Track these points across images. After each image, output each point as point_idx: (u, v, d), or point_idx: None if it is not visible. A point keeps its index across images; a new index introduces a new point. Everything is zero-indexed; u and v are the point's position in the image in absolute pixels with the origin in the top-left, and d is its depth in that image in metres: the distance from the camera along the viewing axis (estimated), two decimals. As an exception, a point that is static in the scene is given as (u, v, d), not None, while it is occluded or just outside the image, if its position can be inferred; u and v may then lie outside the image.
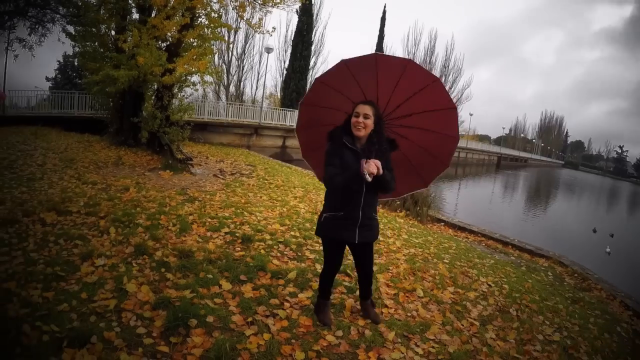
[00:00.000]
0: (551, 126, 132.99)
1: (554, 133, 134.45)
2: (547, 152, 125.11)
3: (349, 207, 3.11)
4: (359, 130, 3.04)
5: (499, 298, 4.81)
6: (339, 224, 3.14)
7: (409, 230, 7.62)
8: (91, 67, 13.00)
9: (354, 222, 3.13)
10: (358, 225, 3.14)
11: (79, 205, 6.17)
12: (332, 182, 3.03)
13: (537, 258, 8.09)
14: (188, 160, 11.80)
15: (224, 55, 39.58)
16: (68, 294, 3.51)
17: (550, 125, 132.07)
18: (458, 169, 50.29)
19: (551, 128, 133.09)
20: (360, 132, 3.04)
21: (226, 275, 4.13)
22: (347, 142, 3.05)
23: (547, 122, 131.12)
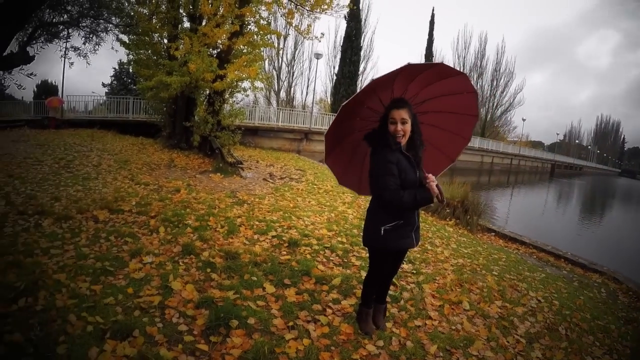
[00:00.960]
0: (607, 132, 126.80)
1: (610, 139, 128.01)
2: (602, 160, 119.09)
3: (407, 214, 2.97)
4: (400, 140, 2.87)
5: (548, 315, 4.51)
6: (401, 233, 2.97)
7: (458, 240, 7.37)
8: (145, 73, 13.49)
9: (412, 228, 3.02)
10: (414, 229, 3.05)
11: (130, 205, 6.37)
12: (398, 201, 2.79)
13: (590, 273, 7.61)
14: (238, 164, 11.97)
15: (274, 61, 40.38)
16: (115, 288, 3.61)
17: (606, 131, 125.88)
18: (510, 177, 48.72)
19: (607, 134, 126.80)
20: (402, 140, 2.88)
21: (270, 279, 4.11)
22: (397, 146, 2.85)
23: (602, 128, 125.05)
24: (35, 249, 4.30)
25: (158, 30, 13.65)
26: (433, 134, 3.28)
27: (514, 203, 26.62)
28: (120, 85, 35.59)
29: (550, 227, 18.20)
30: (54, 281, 3.58)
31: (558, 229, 18.15)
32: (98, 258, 4.21)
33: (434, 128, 3.30)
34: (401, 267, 4.91)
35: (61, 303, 3.23)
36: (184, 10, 13.64)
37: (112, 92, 33.50)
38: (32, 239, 4.61)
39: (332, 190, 10.24)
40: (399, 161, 2.82)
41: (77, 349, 2.67)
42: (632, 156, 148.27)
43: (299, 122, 26.31)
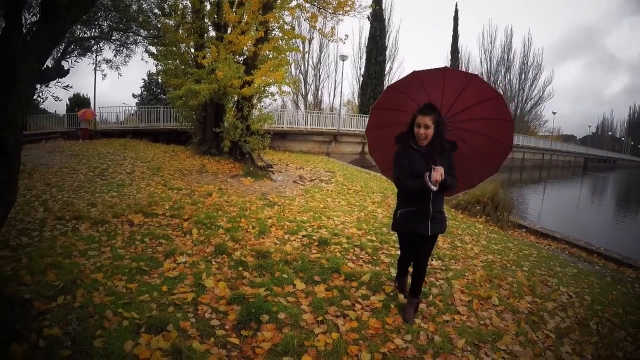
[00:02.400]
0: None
1: None
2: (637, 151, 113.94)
3: (420, 203, 3.33)
4: (422, 141, 3.27)
5: (579, 310, 4.41)
6: (414, 219, 3.37)
7: (488, 237, 7.29)
8: (174, 82, 13.82)
9: (426, 216, 3.34)
10: (430, 219, 3.35)
11: (164, 209, 6.55)
12: (402, 185, 3.36)
13: (624, 268, 7.37)
14: (268, 168, 12.14)
15: (300, 65, 40.64)
16: (150, 286, 3.76)
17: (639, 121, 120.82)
18: (542, 172, 47.65)
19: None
20: (423, 142, 3.28)
21: (301, 276, 4.18)
22: (413, 145, 3.30)
23: (636, 118, 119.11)
24: (73, 251, 4.49)
25: (185, 40, 14.00)
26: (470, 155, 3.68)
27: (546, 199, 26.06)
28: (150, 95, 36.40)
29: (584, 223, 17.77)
30: (92, 280, 3.75)
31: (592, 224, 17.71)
32: (133, 259, 4.38)
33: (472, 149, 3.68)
34: (430, 264, 4.93)
35: (98, 300, 3.38)
36: (209, 19, 13.95)
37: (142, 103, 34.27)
38: (70, 242, 4.81)
39: (361, 191, 10.25)
40: (411, 156, 3.28)
41: (114, 342, 2.80)
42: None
43: (327, 125, 26.37)
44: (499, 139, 3.54)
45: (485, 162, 3.72)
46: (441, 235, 6.36)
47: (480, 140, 3.60)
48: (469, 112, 3.48)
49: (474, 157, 3.67)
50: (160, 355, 2.74)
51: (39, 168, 9.88)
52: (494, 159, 3.70)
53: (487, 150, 3.64)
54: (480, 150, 3.65)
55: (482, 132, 3.55)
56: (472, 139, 3.61)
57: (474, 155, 3.66)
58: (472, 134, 3.59)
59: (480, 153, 3.66)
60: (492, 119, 3.44)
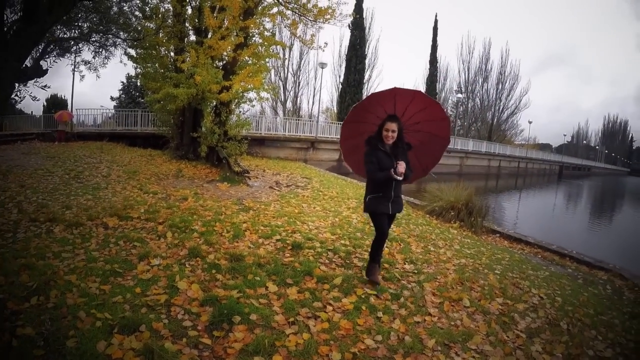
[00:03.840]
0: (615, 131, 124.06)
1: (618, 139, 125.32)
2: (611, 160, 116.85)
3: (385, 190, 4.27)
4: (388, 141, 4.22)
5: (550, 311, 4.52)
6: (379, 202, 4.30)
7: (462, 241, 7.43)
8: (152, 86, 13.76)
9: (388, 199, 4.30)
10: (391, 201, 4.31)
11: (139, 212, 6.54)
12: (374, 177, 4.23)
13: (596, 271, 7.55)
14: (245, 173, 12.15)
15: (279, 72, 40.69)
16: (123, 288, 3.78)
17: (613, 131, 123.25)
18: (518, 180, 48.42)
19: (615, 133, 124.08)
20: (389, 142, 4.23)
21: (273, 279, 4.24)
22: (380, 147, 4.23)
23: (610, 127, 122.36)
24: (46, 253, 4.48)
25: (165, 44, 13.95)
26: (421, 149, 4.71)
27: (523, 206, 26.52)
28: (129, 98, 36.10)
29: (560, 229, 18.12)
30: (65, 281, 3.75)
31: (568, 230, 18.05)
32: (107, 261, 4.38)
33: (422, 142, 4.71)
34: (402, 267, 5.11)
35: (71, 301, 3.38)
36: (190, 24, 13.96)
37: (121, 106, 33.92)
38: (43, 244, 4.79)
39: (337, 197, 10.37)
40: (378, 155, 4.19)
41: (86, 342, 2.81)
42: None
43: (306, 132, 26.53)
44: (439, 134, 4.68)
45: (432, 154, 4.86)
46: (414, 241, 6.52)
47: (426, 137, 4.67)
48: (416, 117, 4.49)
49: (424, 151, 4.73)
50: (132, 355, 2.75)
51: (14, 169, 9.76)
52: (438, 150, 4.87)
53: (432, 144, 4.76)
54: (428, 145, 4.72)
55: (427, 131, 4.63)
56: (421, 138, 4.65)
57: (424, 149, 4.71)
58: (420, 134, 4.63)
59: (428, 147, 4.74)
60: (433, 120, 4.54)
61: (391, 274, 4.79)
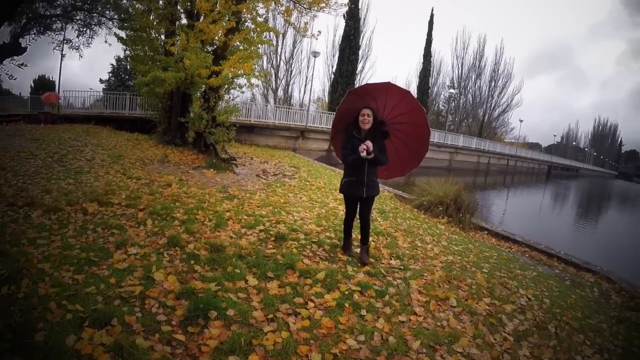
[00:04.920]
0: (604, 134, 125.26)
1: (607, 142, 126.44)
2: (599, 162, 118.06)
3: (358, 174, 4.58)
4: (364, 125, 4.53)
5: (538, 313, 4.46)
6: (353, 185, 4.65)
7: (450, 238, 7.34)
8: (141, 69, 13.44)
9: (361, 183, 4.60)
10: (365, 185, 4.60)
11: (120, 198, 6.37)
12: (346, 159, 4.59)
13: (583, 272, 7.55)
14: (232, 160, 11.92)
15: (272, 59, 40.26)
16: (98, 278, 3.61)
17: (603, 133, 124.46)
18: (507, 177, 48.72)
19: (604, 136, 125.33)
20: (365, 125, 4.53)
21: (254, 271, 4.09)
22: (355, 134, 4.55)
23: (600, 130, 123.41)
24: (22, 239, 4.30)
25: (155, 27, 13.61)
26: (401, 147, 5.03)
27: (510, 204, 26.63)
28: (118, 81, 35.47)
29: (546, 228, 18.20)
30: (38, 270, 3.59)
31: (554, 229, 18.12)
32: (83, 249, 4.22)
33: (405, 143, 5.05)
34: (389, 263, 5.01)
35: (43, 291, 3.23)
36: (181, 6, 13.63)
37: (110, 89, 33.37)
38: (19, 230, 4.61)
39: (324, 187, 10.23)
40: (353, 142, 4.50)
41: (55, 336, 2.66)
42: (629, 159, 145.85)
43: (296, 120, 26.30)
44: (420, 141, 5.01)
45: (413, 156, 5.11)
46: (402, 235, 6.41)
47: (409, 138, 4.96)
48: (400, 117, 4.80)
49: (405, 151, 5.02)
50: (102, 351, 2.61)
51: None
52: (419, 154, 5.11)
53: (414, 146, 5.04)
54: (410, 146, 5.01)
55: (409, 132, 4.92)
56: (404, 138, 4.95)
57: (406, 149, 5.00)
58: (403, 133, 4.93)
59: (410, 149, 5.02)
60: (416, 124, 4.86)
61: (377, 269, 4.67)
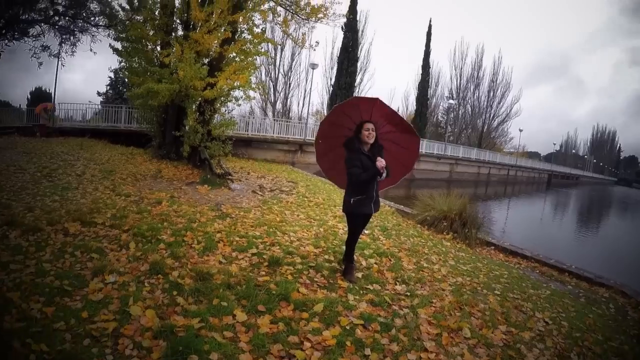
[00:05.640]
0: (603, 141, 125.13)
1: (606, 148, 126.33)
2: (599, 169, 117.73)
3: (368, 190, 4.45)
4: (369, 140, 4.44)
5: (558, 339, 4.10)
6: (363, 203, 4.49)
7: (456, 256, 6.94)
8: (135, 81, 13.11)
9: (371, 200, 4.50)
10: (373, 202, 4.53)
11: (105, 217, 5.98)
12: (360, 178, 4.33)
13: (596, 287, 7.18)
14: (227, 175, 11.52)
15: (270, 72, 40.09)
16: (69, 311, 3.25)
17: (602, 141, 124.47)
18: (507, 188, 48.37)
19: (603, 143, 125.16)
20: (370, 140, 4.44)
21: (243, 304, 3.64)
22: (363, 151, 4.43)
23: (598, 137, 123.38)
24: (-6, 264, 3.91)
25: (151, 38, 13.30)
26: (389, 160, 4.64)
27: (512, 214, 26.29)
28: (116, 94, 35.19)
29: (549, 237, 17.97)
30: (6, 300, 3.25)
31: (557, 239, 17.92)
32: (58, 275, 3.84)
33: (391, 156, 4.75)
34: (394, 289, 4.60)
35: (8, 325, 2.90)
36: (177, 17, 13.33)
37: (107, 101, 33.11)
38: (-7, 252, 4.21)
39: (323, 204, 9.78)
40: (361, 159, 4.36)
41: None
42: (628, 165, 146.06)
43: (295, 134, 25.89)
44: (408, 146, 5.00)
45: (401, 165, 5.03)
46: (406, 255, 6.01)
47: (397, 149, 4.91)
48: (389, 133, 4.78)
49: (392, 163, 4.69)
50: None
51: (-17, 165, 9.09)
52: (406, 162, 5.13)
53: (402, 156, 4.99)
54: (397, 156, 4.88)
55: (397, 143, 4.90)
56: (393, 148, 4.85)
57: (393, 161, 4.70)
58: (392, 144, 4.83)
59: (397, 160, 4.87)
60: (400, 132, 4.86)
61: (381, 297, 4.24)
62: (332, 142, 4.79)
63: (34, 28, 10.35)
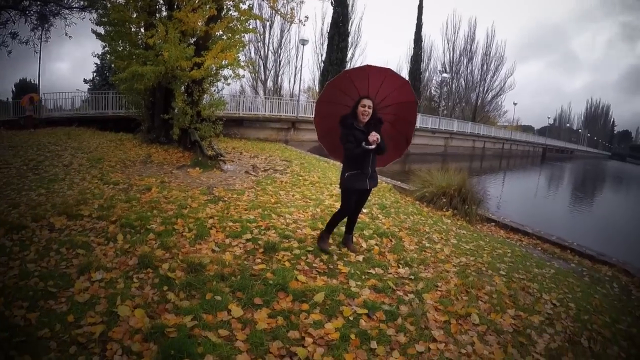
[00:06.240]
0: (597, 115, 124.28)
1: (600, 122, 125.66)
2: (593, 143, 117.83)
3: (363, 166, 4.39)
4: (364, 118, 4.33)
5: (567, 322, 3.94)
6: (358, 178, 4.44)
7: (458, 233, 6.74)
8: (120, 65, 12.71)
9: (366, 175, 4.44)
10: (369, 177, 4.46)
11: (92, 209, 5.71)
12: (352, 153, 4.31)
13: (599, 265, 7.05)
14: (219, 157, 11.19)
15: (260, 50, 39.41)
16: (54, 315, 3.02)
17: (596, 114, 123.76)
18: (502, 161, 48.26)
19: (597, 117, 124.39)
20: (365, 119, 4.34)
21: (239, 296, 3.41)
22: (356, 126, 4.31)
23: (592, 111, 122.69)
24: (-25, 268, 3.66)
25: (133, 20, 12.84)
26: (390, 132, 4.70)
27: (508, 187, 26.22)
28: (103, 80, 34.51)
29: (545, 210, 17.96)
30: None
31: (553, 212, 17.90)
32: (43, 276, 3.59)
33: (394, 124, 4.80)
34: (397, 272, 4.39)
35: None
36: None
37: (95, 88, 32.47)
38: (-26, 256, 3.96)
39: (318, 182, 9.51)
40: (355, 134, 4.27)
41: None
42: (622, 139, 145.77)
43: (288, 112, 25.50)
44: (407, 117, 4.81)
45: (401, 135, 4.88)
46: (407, 235, 5.80)
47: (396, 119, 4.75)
48: (388, 98, 4.57)
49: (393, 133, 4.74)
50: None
51: (-33, 163, 8.79)
52: (406, 132, 4.90)
53: (403, 125, 4.84)
54: (397, 127, 4.80)
55: (397, 113, 4.72)
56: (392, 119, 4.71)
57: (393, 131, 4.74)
58: (391, 115, 4.68)
59: (397, 130, 4.80)
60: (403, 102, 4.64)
61: (384, 282, 4.03)
62: (330, 121, 4.62)
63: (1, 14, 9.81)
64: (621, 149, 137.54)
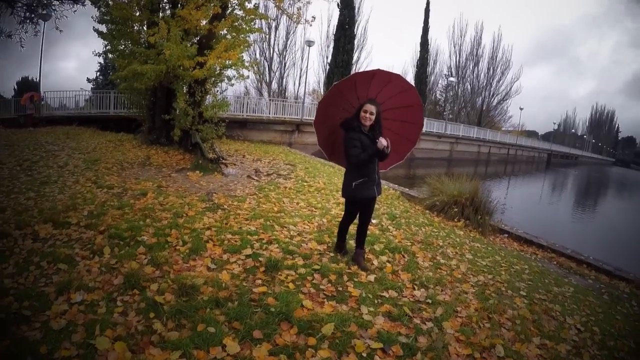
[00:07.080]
0: (602, 121, 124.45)
1: (604, 128, 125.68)
2: (597, 149, 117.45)
3: (370, 173, 4.25)
4: (366, 123, 4.18)
5: (594, 350, 3.64)
6: (366, 186, 4.26)
7: (472, 247, 6.32)
8: (121, 64, 12.38)
9: (373, 182, 4.30)
10: (376, 184, 4.33)
11: (80, 216, 5.33)
12: (360, 159, 4.13)
13: (616, 281, 6.77)
14: (220, 160, 10.80)
15: (265, 52, 39.16)
16: (25, 345, 2.60)
17: (600, 120, 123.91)
18: (507, 167, 47.83)
19: (602, 123, 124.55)
20: (367, 124, 4.19)
21: (235, 328, 2.95)
22: (362, 131, 4.19)
23: (597, 117, 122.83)
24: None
25: (136, 18, 12.49)
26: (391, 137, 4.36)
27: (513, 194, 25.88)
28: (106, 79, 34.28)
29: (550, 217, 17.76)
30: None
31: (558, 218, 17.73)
32: (18, 296, 3.18)
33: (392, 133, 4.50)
34: (412, 294, 3.97)
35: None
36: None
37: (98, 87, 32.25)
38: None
39: (324, 188, 9.07)
40: (361, 138, 4.16)
41: None
42: (626, 145, 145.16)
43: (291, 114, 25.17)
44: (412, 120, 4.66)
45: (405, 140, 4.71)
46: (420, 249, 5.39)
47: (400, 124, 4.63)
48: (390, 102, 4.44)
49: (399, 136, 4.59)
50: None
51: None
52: (410, 135, 4.74)
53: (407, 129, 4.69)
54: (399, 132, 4.62)
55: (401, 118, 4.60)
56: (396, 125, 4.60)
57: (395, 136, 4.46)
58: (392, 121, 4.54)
59: (398, 133, 4.60)
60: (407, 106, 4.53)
61: (399, 308, 3.59)
62: (331, 124, 4.54)
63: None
64: (625, 155, 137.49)
